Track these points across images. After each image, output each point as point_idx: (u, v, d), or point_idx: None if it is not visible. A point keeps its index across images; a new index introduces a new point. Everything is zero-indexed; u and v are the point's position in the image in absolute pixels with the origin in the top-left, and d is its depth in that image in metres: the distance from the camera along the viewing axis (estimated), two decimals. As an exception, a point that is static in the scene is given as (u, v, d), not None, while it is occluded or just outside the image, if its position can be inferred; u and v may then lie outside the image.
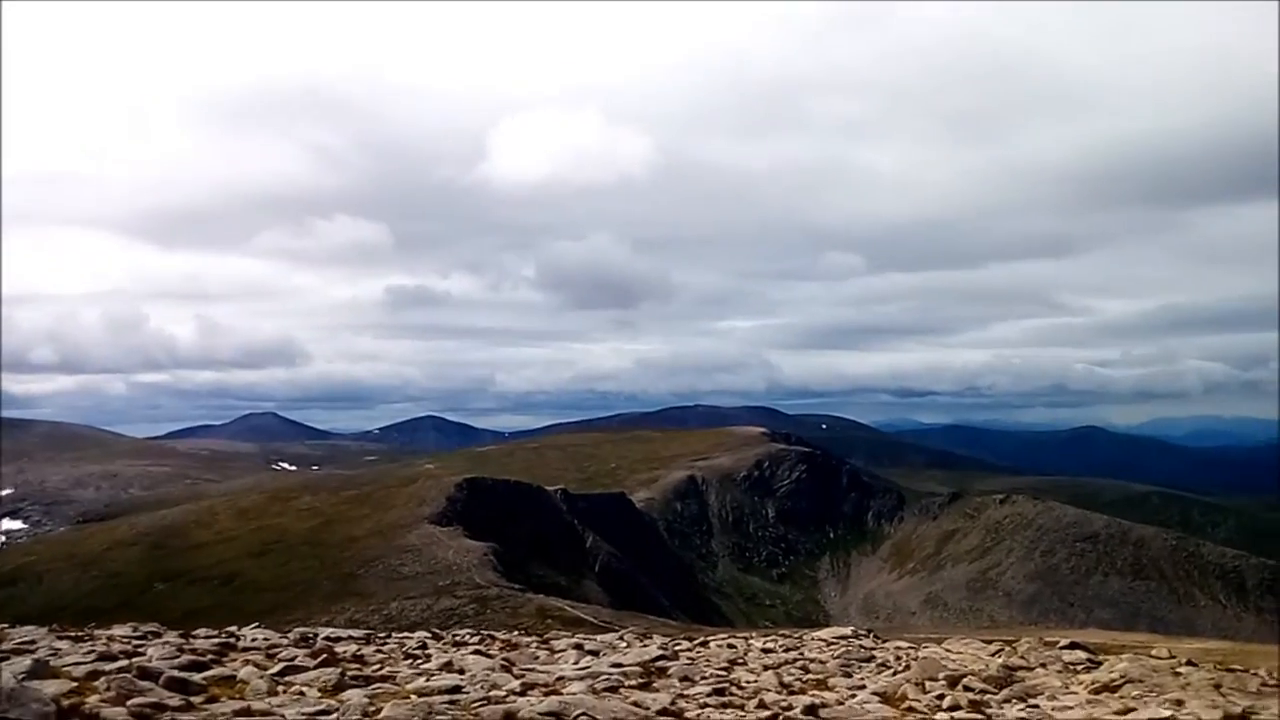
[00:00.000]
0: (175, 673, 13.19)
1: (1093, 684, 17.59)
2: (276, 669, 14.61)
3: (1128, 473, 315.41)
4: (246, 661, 15.40)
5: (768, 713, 13.30)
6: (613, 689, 14.34)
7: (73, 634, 18.90)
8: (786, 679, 16.98)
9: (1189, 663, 20.55)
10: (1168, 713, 13.97)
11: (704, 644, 23.76)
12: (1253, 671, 20.91)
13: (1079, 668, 20.39)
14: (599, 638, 23.94)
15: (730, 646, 23.15)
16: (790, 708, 13.81)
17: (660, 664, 17.81)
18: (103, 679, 12.36)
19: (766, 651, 22.15)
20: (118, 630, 19.97)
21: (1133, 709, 14.86)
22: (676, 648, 21.98)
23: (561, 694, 13.39)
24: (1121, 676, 17.74)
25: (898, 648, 24.10)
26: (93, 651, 15.26)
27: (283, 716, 10.90)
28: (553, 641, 23.03)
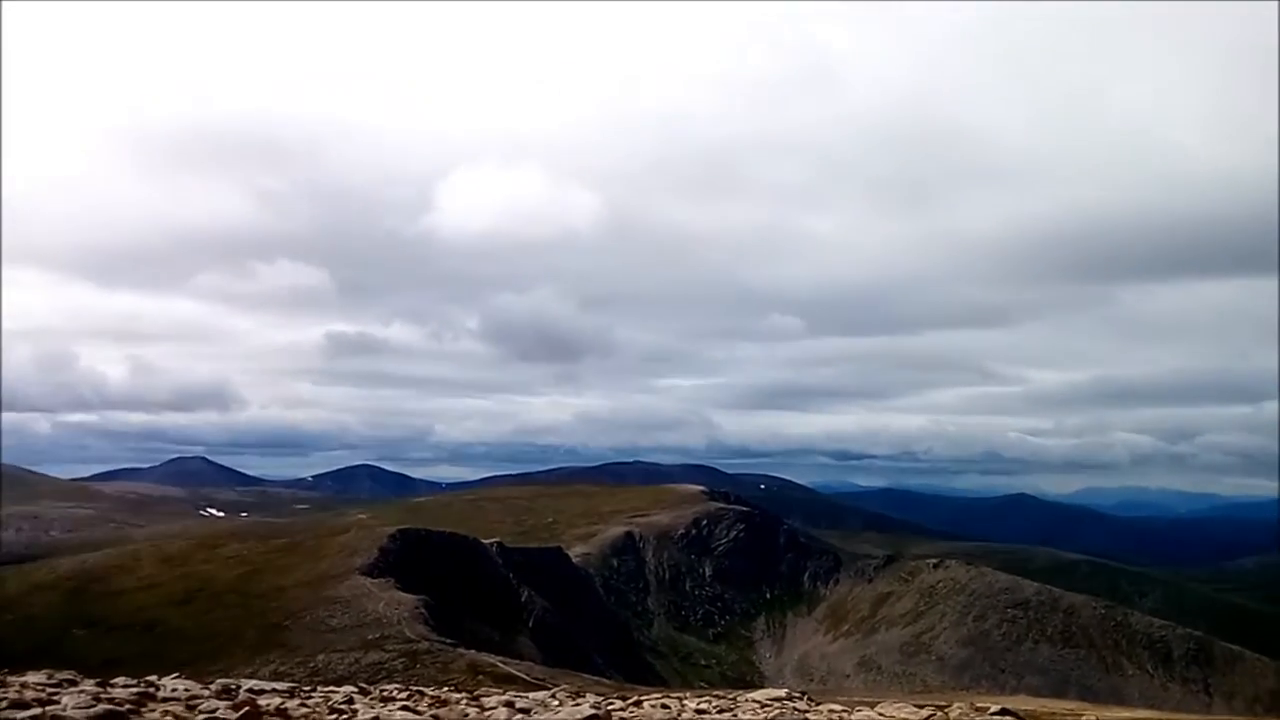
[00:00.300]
0: (90, 723, 12.79)
1: (1022, 751, 17.68)
2: (197, 721, 14.22)
3: (1058, 540, 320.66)
4: (166, 713, 14.97)
5: (700, 775, 13.19)
6: (543, 748, 14.14)
7: (-17, 681, 18.23)
8: (719, 741, 16.88)
9: (1116, 731, 20.76)
10: (1095, 781, 14.09)
11: (637, 704, 23.54)
12: (1178, 741, 21.17)
13: (1009, 734, 20.52)
14: (530, 695, 23.63)
15: (664, 707, 22.97)
16: (722, 770, 13.72)
17: (592, 723, 17.62)
18: (13, 728, 11.95)
19: (700, 713, 22.01)
20: (32, 677, 19.32)
21: (1061, 776, 14.97)
22: (609, 707, 21.75)
23: (491, 752, 13.18)
24: (1051, 744, 17.88)
25: (831, 710, 24.08)
26: (4, 699, 14.75)
27: (202, 771, 10.59)
28: (483, 699, 22.68)
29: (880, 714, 23.75)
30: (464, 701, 21.90)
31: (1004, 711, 24.26)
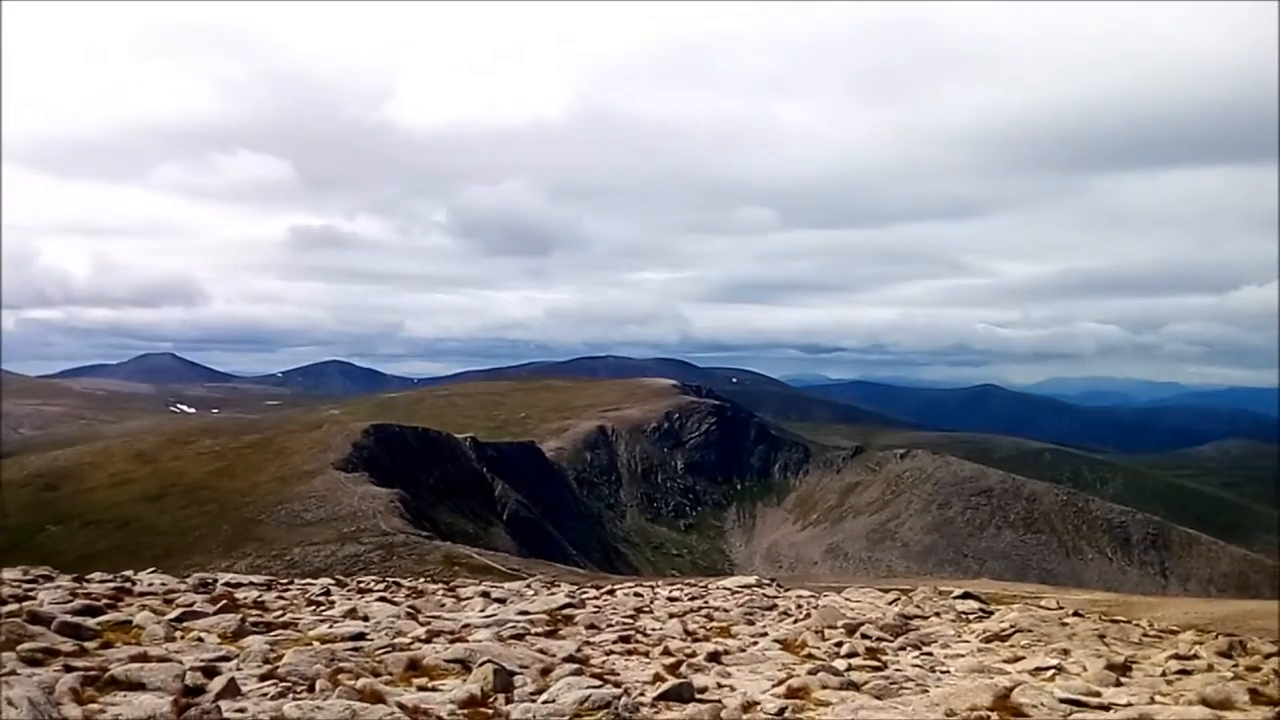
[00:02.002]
0: (68, 617, 12.88)
1: (984, 633, 18.22)
2: (174, 614, 14.36)
3: (1023, 430, 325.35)
4: (143, 607, 15.10)
5: (672, 659, 13.50)
6: (519, 636, 14.41)
7: (-42, 578, 18.26)
8: (691, 626, 17.27)
9: (1076, 613, 21.42)
10: (1055, 661, 14.55)
11: (610, 592, 24.00)
12: (1135, 622, 21.88)
13: (971, 617, 21.11)
14: (506, 585, 24.02)
15: (637, 595, 23.43)
16: (694, 654, 14.05)
17: (567, 612, 17.96)
18: (-10, 624, 11.99)
19: (672, 600, 22.47)
20: (8, 574, 19.39)
21: (1021, 657, 15.45)
22: (583, 596, 22.16)
23: (467, 641, 13.41)
24: (1011, 626, 18.42)
25: (799, 596, 24.67)
26: (-20, 596, 14.79)
27: (180, 662, 10.72)
28: (459, 589, 23.05)
29: (846, 599, 24.35)
30: (441, 592, 22.23)
31: (966, 595, 24.92)
